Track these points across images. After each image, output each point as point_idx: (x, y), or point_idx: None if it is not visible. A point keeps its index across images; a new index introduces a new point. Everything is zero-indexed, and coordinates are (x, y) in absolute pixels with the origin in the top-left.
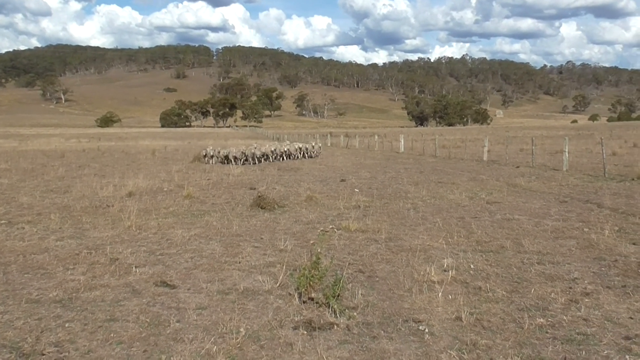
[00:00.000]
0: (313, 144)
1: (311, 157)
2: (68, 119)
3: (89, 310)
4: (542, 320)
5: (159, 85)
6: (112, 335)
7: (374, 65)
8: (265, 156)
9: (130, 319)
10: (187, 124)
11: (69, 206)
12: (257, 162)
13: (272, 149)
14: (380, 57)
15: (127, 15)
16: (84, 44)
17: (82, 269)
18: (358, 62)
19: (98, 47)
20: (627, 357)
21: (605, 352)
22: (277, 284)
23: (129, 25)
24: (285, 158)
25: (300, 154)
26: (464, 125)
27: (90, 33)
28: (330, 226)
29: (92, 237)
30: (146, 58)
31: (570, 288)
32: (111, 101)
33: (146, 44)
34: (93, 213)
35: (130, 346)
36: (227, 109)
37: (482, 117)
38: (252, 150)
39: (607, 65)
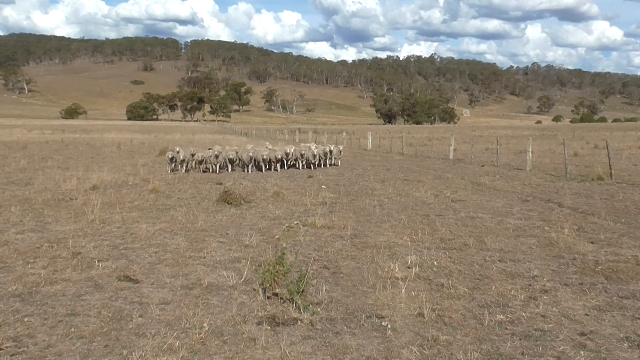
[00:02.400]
0: (331, 147)
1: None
2: (31, 109)
3: (49, 305)
4: (501, 316)
5: (126, 78)
6: (72, 329)
7: (343, 62)
8: (268, 161)
9: (91, 314)
10: (155, 117)
11: (30, 199)
12: (249, 170)
13: (288, 152)
14: (350, 54)
15: (93, 6)
16: (48, 34)
17: (42, 262)
18: (327, 58)
19: (63, 37)
20: (581, 352)
21: (561, 348)
22: (242, 280)
23: (94, 16)
24: (303, 165)
25: (316, 160)
26: (431, 124)
27: (54, 22)
28: (296, 222)
29: (54, 231)
30: (113, 49)
31: (530, 285)
32: (76, 92)
33: (112, 35)
34: (55, 206)
35: (91, 341)
36: (195, 103)
37: (449, 116)
38: (250, 154)
39: (570, 67)
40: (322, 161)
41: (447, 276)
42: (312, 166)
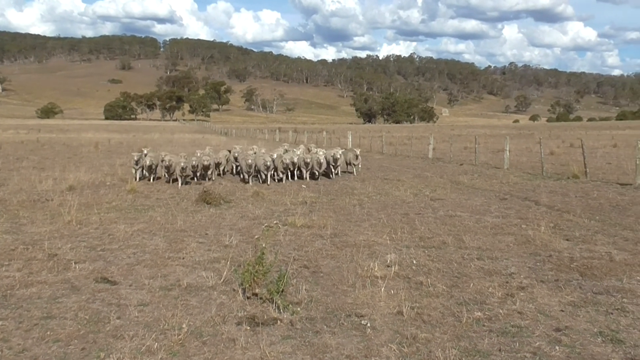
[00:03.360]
0: (338, 153)
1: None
2: (6, 109)
3: (24, 308)
4: (479, 313)
5: (103, 76)
6: (48, 333)
7: (323, 62)
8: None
9: (68, 317)
10: (133, 116)
11: (5, 200)
12: (251, 180)
13: (307, 160)
14: (329, 53)
15: (69, 3)
16: (23, 32)
17: (17, 265)
18: (307, 57)
19: (38, 35)
20: (556, 347)
21: (537, 344)
22: (221, 280)
23: (71, 14)
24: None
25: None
26: (410, 123)
27: (30, 20)
28: (275, 221)
29: (29, 232)
30: (89, 48)
31: (507, 282)
32: (52, 91)
33: (89, 33)
34: (31, 207)
35: (68, 344)
36: (174, 102)
37: (428, 115)
38: (248, 161)
39: (547, 67)
40: (332, 169)
41: (426, 274)
42: (317, 176)
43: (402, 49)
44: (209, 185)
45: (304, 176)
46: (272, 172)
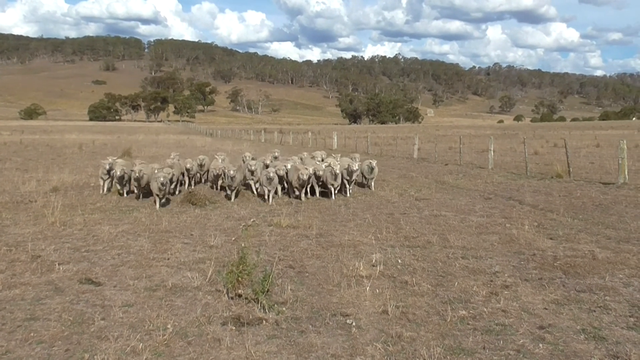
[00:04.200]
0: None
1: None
2: None
3: (8, 310)
4: (464, 312)
5: (87, 77)
6: (32, 334)
7: (309, 62)
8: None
9: (52, 318)
10: (117, 117)
11: None
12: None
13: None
14: (314, 54)
15: (52, 4)
16: (5, 32)
17: (0, 266)
18: (292, 58)
19: (21, 36)
20: (540, 345)
21: (521, 341)
22: (207, 280)
23: (54, 14)
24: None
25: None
26: (396, 124)
27: (12, 21)
28: (252, 219)
29: (13, 234)
30: (73, 49)
31: (491, 281)
32: (36, 93)
33: (73, 34)
34: (14, 209)
35: (52, 345)
36: (159, 103)
37: (413, 116)
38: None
39: (530, 68)
40: (347, 185)
41: (411, 274)
42: (332, 193)
43: (387, 49)
44: (194, 186)
45: (316, 192)
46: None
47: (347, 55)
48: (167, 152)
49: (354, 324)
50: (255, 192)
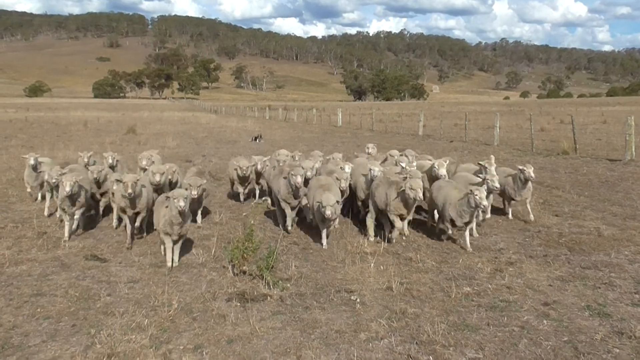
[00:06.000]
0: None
1: None
2: None
3: (15, 285)
4: (468, 289)
5: (91, 54)
6: (39, 310)
7: (313, 39)
8: None
9: (58, 294)
10: (122, 95)
11: None
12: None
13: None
14: (319, 30)
15: None
16: (9, 9)
17: (7, 243)
18: (296, 34)
19: (25, 13)
20: (544, 321)
21: (525, 318)
22: (211, 257)
23: None
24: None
25: None
26: (401, 100)
27: None
28: (264, 198)
29: (19, 211)
30: (77, 25)
31: (496, 258)
32: (40, 70)
33: (76, 10)
34: (20, 186)
35: (58, 321)
36: (163, 80)
37: (419, 92)
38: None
39: (537, 43)
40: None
41: (415, 250)
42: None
43: (392, 25)
44: (199, 163)
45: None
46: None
47: (352, 31)
48: (173, 129)
49: (358, 300)
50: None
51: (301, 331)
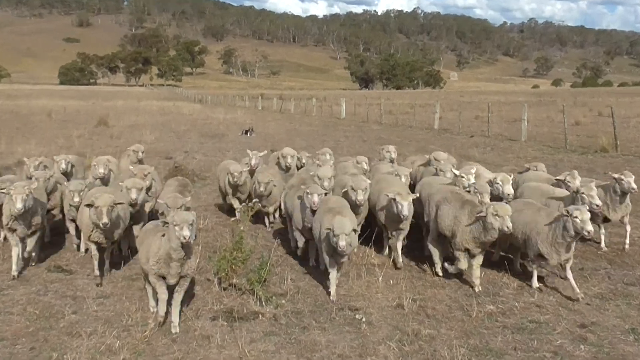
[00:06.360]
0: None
1: None
2: None
3: None
4: (492, 307)
5: (58, 34)
6: None
7: (313, 18)
8: None
9: (14, 311)
10: (92, 81)
11: None
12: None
13: None
14: (320, 8)
15: None
16: None
17: None
18: (294, 13)
19: None
20: (581, 346)
21: (558, 342)
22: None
23: None
24: None
25: None
26: (413, 89)
27: None
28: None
29: None
30: (41, 1)
31: (524, 272)
32: None
33: None
34: None
35: (14, 343)
36: (141, 65)
37: (434, 80)
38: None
39: (571, 24)
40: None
41: (430, 261)
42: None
43: (404, 3)
44: (181, 160)
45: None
46: None
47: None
48: (151, 120)
49: (364, 319)
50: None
51: (298, 355)
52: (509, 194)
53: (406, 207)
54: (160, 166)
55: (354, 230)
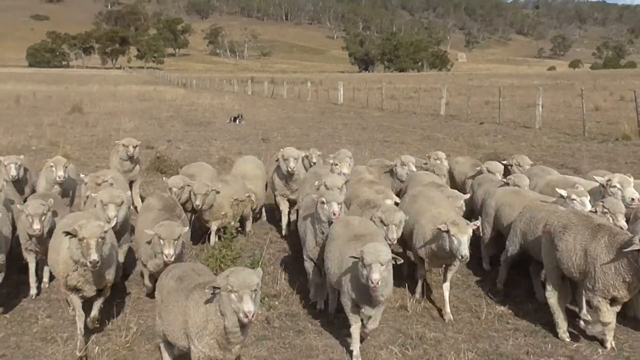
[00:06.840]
0: None
1: None
2: None
3: None
4: (502, 308)
5: (25, 11)
6: None
7: None
8: None
9: None
10: (65, 63)
11: None
12: None
13: None
14: None
15: None
16: None
17: None
18: None
19: None
20: (599, 350)
21: (574, 346)
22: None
23: None
24: None
25: None
26: (418, 72)
27: None
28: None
29: None
30: None
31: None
32: None
33: None
34: None
35: None
36: (118, 45)
37: (440, 62)
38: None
39: None
40: None
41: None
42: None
43: None
44: (163, 150)
45: None
46: None
47: None
48: (130, 107)
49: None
50: None
51: None
52: (633, 199)
53: (465, 244)
54: (141, 157)
55: (394, 260)
